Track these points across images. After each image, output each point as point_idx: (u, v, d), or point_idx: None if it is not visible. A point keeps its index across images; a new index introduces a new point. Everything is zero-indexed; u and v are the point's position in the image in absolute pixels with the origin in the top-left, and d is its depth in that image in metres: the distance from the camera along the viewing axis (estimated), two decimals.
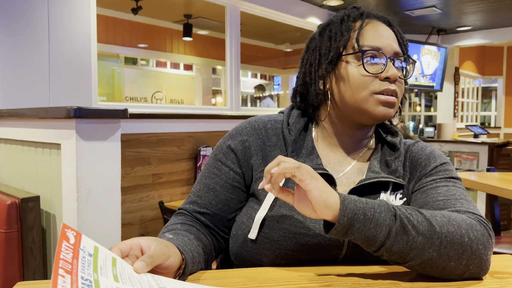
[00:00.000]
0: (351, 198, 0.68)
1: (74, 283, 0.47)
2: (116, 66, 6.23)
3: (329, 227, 0.70)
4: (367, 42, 0.84)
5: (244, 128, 0.91)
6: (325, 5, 4.57)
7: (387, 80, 0.83)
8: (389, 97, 0.83)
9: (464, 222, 0.71)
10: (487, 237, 0.72)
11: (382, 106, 0.83)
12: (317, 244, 0.80)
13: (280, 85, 8.99)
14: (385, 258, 0.70)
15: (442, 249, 0.68)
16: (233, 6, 3.69)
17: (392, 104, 0.84)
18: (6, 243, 1.53)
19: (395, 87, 0.84)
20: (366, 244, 0.69)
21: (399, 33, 0.90)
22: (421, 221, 0.69)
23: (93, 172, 1.53)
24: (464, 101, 7.04)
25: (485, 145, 4.64)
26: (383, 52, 0.84)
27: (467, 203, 0.80)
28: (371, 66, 0.83)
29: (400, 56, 0.87)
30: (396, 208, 0.70)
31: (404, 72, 0.89)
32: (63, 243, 0.53)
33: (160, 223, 2.78)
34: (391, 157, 0.89)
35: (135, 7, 4.80)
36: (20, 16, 2.41)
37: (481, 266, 0.71)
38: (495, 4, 4.60)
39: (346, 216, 0.66)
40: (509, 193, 1.92)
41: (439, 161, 0.88)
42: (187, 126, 2.91)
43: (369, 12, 0.90)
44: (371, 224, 0.67)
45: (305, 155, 0.87)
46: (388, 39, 0.86)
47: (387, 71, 0.83)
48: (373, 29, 0.86)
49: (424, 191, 0.85)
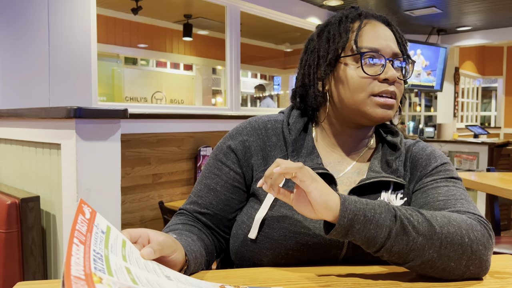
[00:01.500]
0: (351, 199, 0.68)
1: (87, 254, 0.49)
2: (116, 66, 6.23)
3: (329, 227, 0.70)
4: (366, 44, 0.84)
5: (244, 128, 0.91)
6: (325, 5, 4.57)
7: (385, 81, 0.83)
8: (388, 99, 0.83)
9: (465, 223, 0.71)
10: (487, 237, 0.72)
11: (381, 108, 0.83)
12: (317, 243, 0.80)
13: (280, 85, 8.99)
14: (385, 258, 0.70)
15: (442, 250, 0.68)
16: (233, 6, 3.69)
17: (390, 106, 0.84)
18: (6, 243, 1.53)
19: (394, 88, 0.84)
20: (366, 245, 0.69)
21: (398, 32, 0.90)
22: (421, 221, 0.69)
23: (93, 172, 1.53)
24: (464, 101, 7.04)
25: (485, 145, 4.64)
26: (381, 54, 0.83)
27: (467, 203, 0.80)
28: (370, 67, 0.83)
29: (399, 56, 0.86)
30: (396, 208, 0.69)
31: (403, 72, 0.88)
32: (79, 216, 0.55)
33: (160, 223, 2.78)
34: (392, 156, 0.89)
35: (135, 7, 4.80)
36: (20, 16, 2.41)
37: (481, 267, 0.71)
38: (495, 4, 4.60)
39: (346, 217, 0.66)
40: (509, 193, 1.92)
41: (440, 161, 0.88)
42: (187, 126, 2.91)
43: (367, 12, 0.89)
44: (371, 225, 0.67)
45: (305, 154, 0.87)
46: (387, 40, 0.85)
47: (386, 73, 0.83)
48: (372, 30, 0.86)
49: (424, 191, 0.84)
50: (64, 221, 1.56)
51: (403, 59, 0.87)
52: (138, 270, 0.55)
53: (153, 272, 0.58)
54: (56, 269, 1.67)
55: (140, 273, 0.55)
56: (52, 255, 1.68)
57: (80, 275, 0.43)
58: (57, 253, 1.65)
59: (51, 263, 1.69)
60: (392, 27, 0.89)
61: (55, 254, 1.66)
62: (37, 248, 1.61)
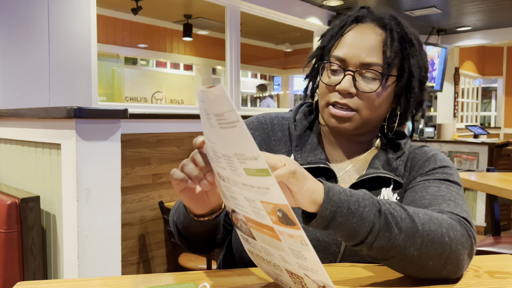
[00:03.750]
0: (335, 189, 0.64)
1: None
2: (116, 66, 6.23)
3: (308, 215, 0.65)
4: (336, 52, 0.85)
5: (251, 122, 0.93)
6: (325, 5, 4.57)
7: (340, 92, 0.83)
8: (338, 110, 0.83)
9: (445, 222, 0.69)
10: (467, 237, 0.70)
11: (332, 119, 0.85)
12: (316, 239, 0.80)
13: (280, 85, 8.99)
14: (363, 253, 0.67)
15: (423, 248, 0.66)
16: (233, 6, 3.69)
17: (341, 119, 0.83)
18: (6, 243, 1.53)
19: (346, 100, 0.83)
20: (346, 238, 0.65)
21: (392, 39, 0.84)
22: (404, 217, 0.66)
23: (93, 172, 1.53)
24: (464, 101, 7.04)
25: (485, 145, 4.64)
26: (347, 63, 0.83)
27: (455, 204, 0.77)
28: (333, 76, 0.85)
29: (369, 68, 0.82)
30: (381, 202, 0.67)
31: (378, 83, 0.83)
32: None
33: (160, 223, 2.78)
34: (394, 156, 0.89)
35: (135, 7, 4.80)
36: (20, 16, 2.41)
37: (458, 266, 0.69)
38: (495, 4, 4.60)
39: (328, 209, 0.62)
40: (509, 193, 1.92)
41: (440, 164, 0.86)
42: (187, 126, 2.91)
43: (367, 14, 0.87)
44: (354, 218, 0.63)
45: (309, 150, 0.88)
46: (358, 49, 0.82)
47: (340, 84, 0.83)
48: (350, 37, 0.85)
49: (414, 189, 0.83)
50: (64, 221, 1.56)
51: (380, 68, 0.82)
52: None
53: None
54: (56, 269, 1.67)
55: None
56: (52, 255, 1.68)
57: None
58: (57, 253, 1.65)
59: (51, 263, 1.69)
60: (387, 31, 0.84)
61: (55, 254, 1.66)
62: (37, 248, 1.61)
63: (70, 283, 0.72)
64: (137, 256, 2.68)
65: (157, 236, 2.78)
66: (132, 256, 2.64)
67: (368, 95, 0.83)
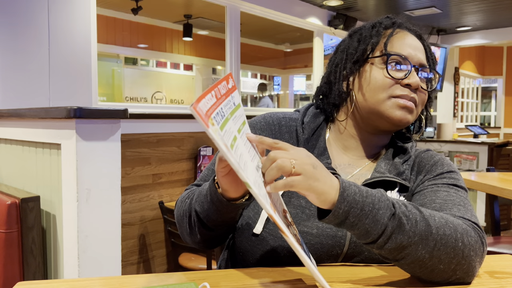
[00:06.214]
0: (351, 189, 0.64)
1: (215, 105, 0.58)
2: (116, 66, 6.23)
3: (323, 211, 0.67)
4: (395, 49, 0.86)
5: (258, 122, 0.93)
6: (325, 5, 4.57)
7: (408, 87, 0.84)
8: (408, 101, 0.84)
9: (460, 227, 0.70)
10: (480, 244, 0.70)
11: (400, 110, 0.84)
12: (319, 243, 0.80)
13: (280, 85, 8.99)
14: (375, 252, 0.68)
15: (435, 251, 0.66)
16: (233, 6, 3.69)
17: (410, 110, 0.85)
18: (6, 243, 1.53)
19: (415, 95, 0.85)
20: (357, 236, 0.67)
21: (429, 47, 0.92)
22: (419, 220, 0.67)
23: (93, 172, 1.53)
24: (464, 101, 7.04)
25: (485, 145, 4.64)
26: (408, 60, 0.85)
27: (465, 210, 0.78)
28: (395, 71, 0.85)
29: (426, 67, 0.88)
30: (396, 205, 0.67)
31: (428, 83, 0.89)
32: (223, 82, 0.64)
33: (160, 223, 2.78)
34: (400, 159, 0.89)
35: (135, 7, 4.80)
36: (20, 16, 2.41)
37: (468, 273, 0.69)
38: (495, 4, 4.60)
39: (341, 209, 0.63)
40: (509, 193, 1.92)
41: (447, 169, 0.87)
42: (187, 126, 2.91)
43: (401, 23, 0.92)
44: (367, 219, 0.64)
45: (316, 155, 0.88)
46: (416, 50, 0.87)
47: (409, 78, 0.84)
48: (402, 38, 0.88)
49: (423, 193, 0.84)
50: (64, 221, 1.56)
51: (429, 70, 0.89)
52: (241, 144, 0.63)
53: (250, 155, 0.65)
54: (56, 269, 1.67)
55: (241, 147, 0.62)
56: (52, 255, 1.68)
57: (202, 112, 0.53)
58: (57, 253, 1.65)
59: (51, 263, 1.69)
60: (423, 41, 0.92)
61: (55, 254, 1.66)
62: (37, 248, 1.61)
63: (70, 283, 0.72)
64: (137, 256, 2.68)
65: (157, 236, 2.78)
66: (132, 256, 2.64)
67: (424, 92, 0.88)
